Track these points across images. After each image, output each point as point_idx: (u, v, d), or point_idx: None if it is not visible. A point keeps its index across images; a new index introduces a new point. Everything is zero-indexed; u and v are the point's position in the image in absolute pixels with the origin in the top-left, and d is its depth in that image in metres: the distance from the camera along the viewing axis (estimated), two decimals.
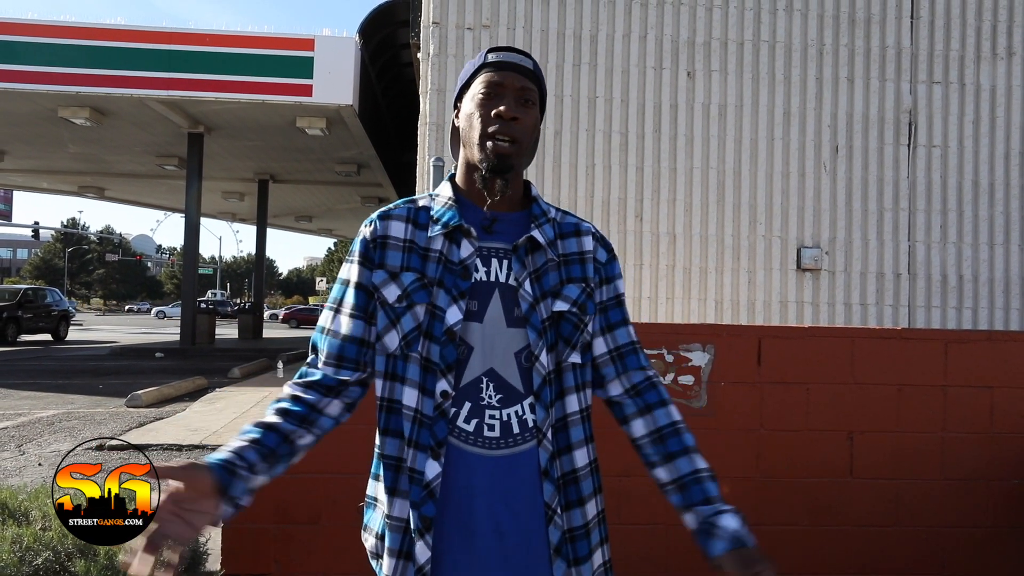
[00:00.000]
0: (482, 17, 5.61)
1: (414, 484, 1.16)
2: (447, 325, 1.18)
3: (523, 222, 1.28)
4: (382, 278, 1.22)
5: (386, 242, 1.24)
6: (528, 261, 1.24)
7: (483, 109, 1.24)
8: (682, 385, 2.96)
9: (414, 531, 1.15)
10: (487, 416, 1.18)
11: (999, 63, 5.93)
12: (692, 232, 5.74)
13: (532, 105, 1.27)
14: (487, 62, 1.28)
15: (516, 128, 1.23)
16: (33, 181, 23.72)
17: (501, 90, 1.25)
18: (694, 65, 5.77)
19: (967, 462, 3.05)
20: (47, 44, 12.70)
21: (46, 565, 2.31)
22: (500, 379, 1.19)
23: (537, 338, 1.20)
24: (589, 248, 1.31)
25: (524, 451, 1.19)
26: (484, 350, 1.19)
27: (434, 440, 1.16)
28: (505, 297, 1.22)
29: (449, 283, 1.20)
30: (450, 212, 1.25)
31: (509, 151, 1.22)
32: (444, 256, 1.22)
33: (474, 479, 1.16)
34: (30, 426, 6.90)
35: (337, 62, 12.83)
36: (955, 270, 5.87)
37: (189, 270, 17.17)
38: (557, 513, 1.20)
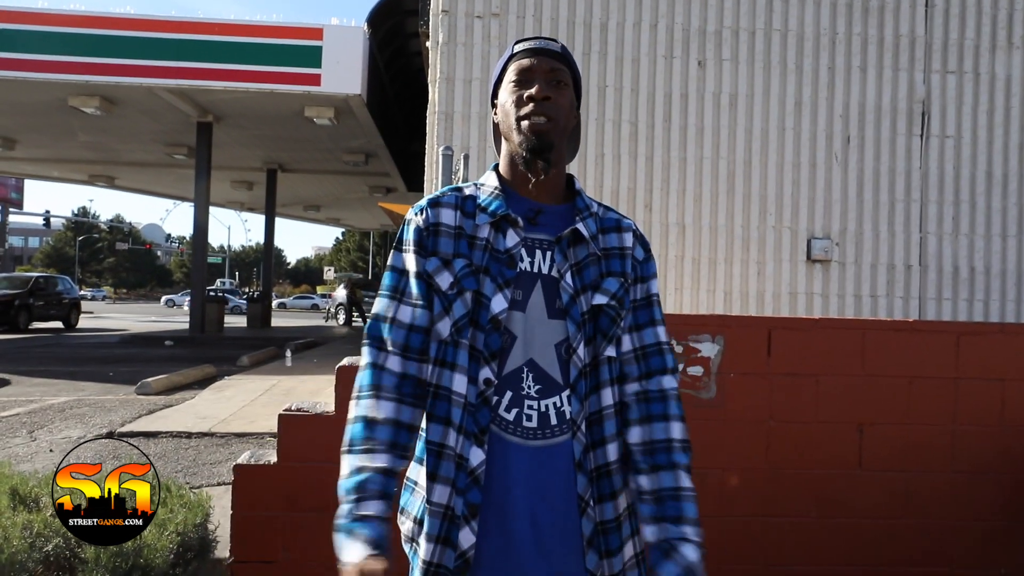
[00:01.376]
0: (492, 5, 5.57)
1: (460, 471, 1.17)
2: (492, 313, 1.19)
3: (567, 215, 1.29)
4: (435, 265, 1.23)
5: (438, 229, 1.25)
6: (570, 254, 1.25)
7: (515, 95, 1.26)
8: (691, 376, 2.95)
9: (460, 517, 1.16)
10: (526, 406, 1.19)
11: (1015, 52, 5.85)
12: (701, 223, 5.70)
13: (564, 86, 1.28)
14: (515, 52, 1.30)
15: (549, 107, 1.24)
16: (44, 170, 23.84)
17: (531, 75, 1.26)
18: (705, 54, 5.72)
19: (977, 455, 3.03)
20: (57, 33, 12.73)
21: (56, 551, 2.34)
22: (539, 370, 1.21)
23: (576, 330, 1.21)
24: (628, 244, 1.32)
25: (560, 443, 1.20)
26: (525, 340, 1.21)
27: (478, 427, 1.18)
28: (547, 288, 1.23)
29: (495, 271, 1.22)
30: (497, 201, 1.26)
31: (545, 127, 1.23)
32: (491, 244, 1.23)
33: (512, 468, 1.18)
34: (41, 412, 6.97)
35: (345, 51, 12.81)
36: (967, 262, 5.82)
37: (198, 259, 17.23)
38: (590, 505, 1.21)
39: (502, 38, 5.56)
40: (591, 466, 1.22)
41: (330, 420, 2.87)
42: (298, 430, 2.87)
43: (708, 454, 2.94)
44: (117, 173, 23.27)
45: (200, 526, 2.73)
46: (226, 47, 12.87)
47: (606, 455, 1.23)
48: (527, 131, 1.23)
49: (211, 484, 4.57)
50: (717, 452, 2.96)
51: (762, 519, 2.97)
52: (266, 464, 2.88)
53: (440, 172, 3.69)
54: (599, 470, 1.22)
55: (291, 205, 28.59)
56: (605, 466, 1.23)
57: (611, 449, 1.23)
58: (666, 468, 1.23)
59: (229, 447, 5.65)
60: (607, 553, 1.21)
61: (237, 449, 5.50)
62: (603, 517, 1.22)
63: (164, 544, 2.45)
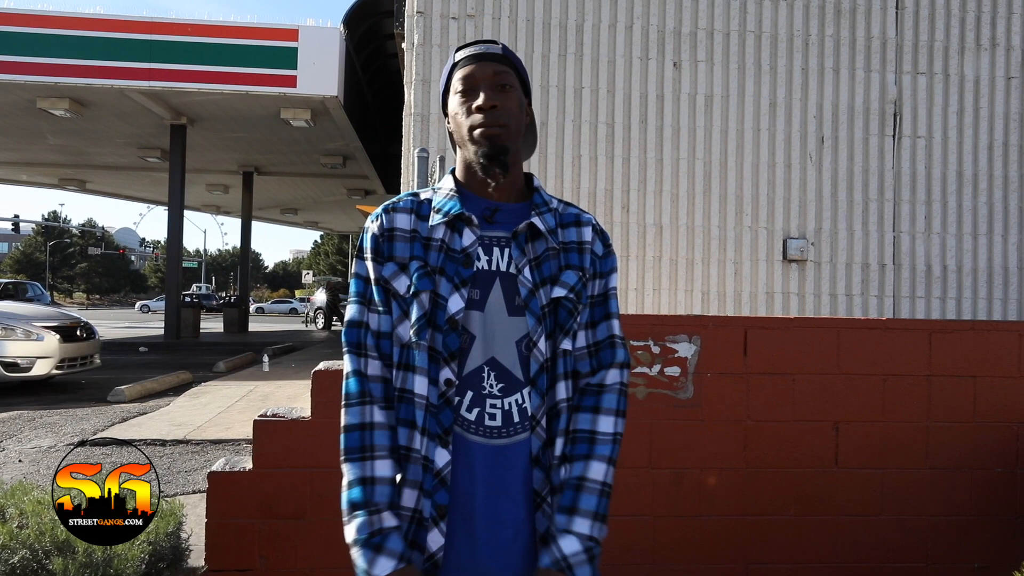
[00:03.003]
0: (467, 7, 5.55)
1: (427, 473, 1.18)
2: (449, 313, 1.20)
3: (524, 212, 1.30)
4: (392, 271, 1.24)
5: (393, 234, 1.26)
6: (528, 249, 1.26)
7: (463, 107, 1.27)
8: (668, 376, 2.95)
9: (428, 519, 1.17)
10: (488, 405, 1.20)
11: (983, 54, 5.96)
12: (678, 223, 5.73)
13: (511, 88, 1.28)
14: (457, 61, 1.31)
15: (499, 114, 1.24)
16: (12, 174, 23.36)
17: (475, 82, 1.27)
18: (680, 55, 5.75)
19: (951, 451, 3.07)
20: (24, 33, 12.48)
21: (23, 563, 2.27)
22: (501, 368, 1.21)
23: (536, 324, 1.22)
24: (588, 239, 1.32)
25: (521, 440, 1.21)
26: (486, 339, 1.21)
27: (441, 428, 1.18)
28: (506, 286, 1.23)
29: (451, 271, 1.22)
30: (452, 202, 1.27)
31: (497, 132, 1.23)
32: (446, 244, 1.24)
33: (475, 468, 1.18)
34: (10, 422, 6.81)
35: (321, 53, 12.71)
36: (939, 260, 5.91)
37: (173, 263, 17.00)
38: (547, 501, 1.21)
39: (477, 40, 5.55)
40: (548, 461, 1.23)
41: (307, 425, 2.83)
42: (274, 436, 2.83)
43: (686, 454, 2.95)
44: (88, 177, 22.88)
45: (172, 535, 2.68)
46: (200, 48, 12.71)
47: (555, 449, 1.23)
48: (480, 139, 1.24)
49: (186, 492, 4.50)
50: (695, 452, 2.96)
51: (741, 518, 2.98)
52: (241, 471, 2.83)
53: (416, 174, 3.67)
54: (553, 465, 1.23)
55: (268, 208, 28.32)
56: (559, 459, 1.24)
57: (559, 443, 1.24)
58: (580, 458, 1.22)
59: (205, 454, 5.56)
60: None
61: (213, 456, 5.42)
62: None
63: (135, 554, 2.39)
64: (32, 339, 8.60)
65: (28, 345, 8.56)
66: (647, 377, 2.94)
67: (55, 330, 8.90)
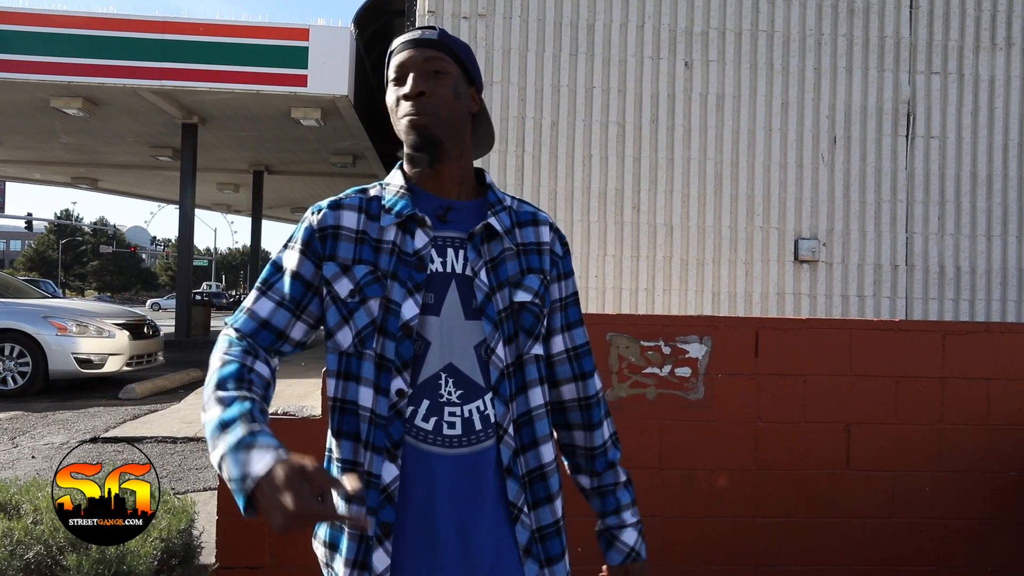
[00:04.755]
0: (478, 6, 5.56)
1: (371, 488, 1.10)
2: (403, 320, 1.12)
3: (478, 210, 1.23)
4: (333, 271, 1.16)
5: (338, 233, 1.18)
6: (484, 250, 1.19)
7: (392, 96, 1.21)
8: (679, 377, 2.94)
9: (372, 538, 1.09)
10: (447, 413, 1.12)
11: (998, 53, 5.91)
12: (689, 223, 5.71)
13: (443, 75, 1.19)
14: (392, 48, 1.24)
15: (426, 102, 1.17)
16: (26, 172, 23.55)
17: (404, 71, 1.20)
18: (692, 55, 5.73)
19: (964, 454, 3.05)
20: (38, 33, 12.57)
21: (37, 559, 2.29)
22: (460, 374, 1.14)
23: (493, 330, 1.15)
24: (547, 239, 1.26)
25: (487, 448, 1.14)
26: (442, 344, 1.14)
27: (390, 441, 1.11)
28: (462, 288, 1.16)
29: (404, 275, 1.15)
30: (403, 201, 1.19)
31: (423, 122, 1.17)
32: (398, 247, 1.16)
33: (435, 480, 1.11)
34: (23, 418, 6.87)
35: (332, 52, 12.74)
36: (953, 261, 5.87)
37: (184, 262, 17.09)
38: (524, 512, 1.16)
39: (488, 39, 5.55)
40: (522, 470, 1.17)
41: (317, 424, 2.84)
42: (284, 434, 2.82)
43: (696, 455, 2.94)
44: (100, 175, 23.03)
45: (184, 532, 2.69)
46: (211, 47, 12.77)
47: (539, 457, 1.18)
48: (407, 128, 1.18)
49: (197, 490, 4.52)
50: (705, 453, 2.95)
51: (751, 519, 2.97)
52: None
53: None
54: (532, 474, 1.18)
55: (278, 207, 28.43)
56: (539, 469, 1.18)
57: (544, 451, 1.19)
58: (606, 470, 1.30)
59: None
60: (548, 560, 1.17)
61: None
62: (540, 523, 1.17)
63: (148, 551, 2.41)
64: (104, 336, 8.70)
65: (101, 342, 8.67)
66: (657, 378, 2.93)
67: (124, 327, 9.02)
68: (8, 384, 8.24)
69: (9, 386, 8.22)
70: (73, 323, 8.54)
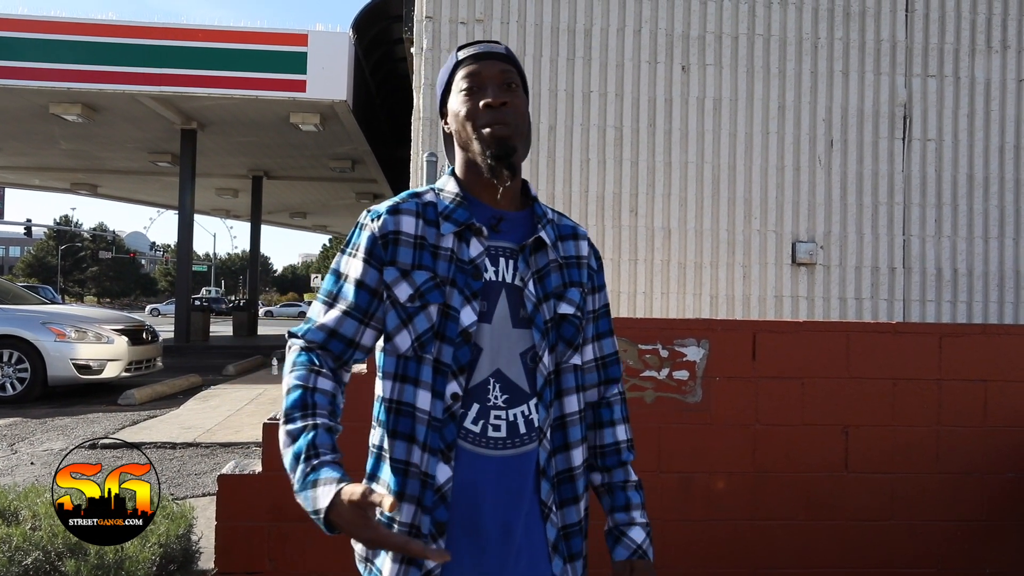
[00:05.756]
0: (475, 11, 5.57)
1: (426, 488, 1.15)
2: (462, 327, 1.17)
3: (526, 221, 1.27)
4: (393, 276, 1.19)
5: (398, 238, 1.20)
6: (532, 261, 1.24)
7: (470, 104, 1.22)
8: (677, 380, 2.95)
9: (426, 536, 1.14)
10: (492, 416, 1.17)
11: (993, 56, 5.93)
12: (687, 227, 5.73)
13: (516, 87, 1.25)
14: (460, 59, 1.27)
15: (508, 112, 1.21)
16: (25, 178, 23.58)
17: (481, 80, 1.23)
18: (688, 59, 5.75)
19: (962, 456, 3.05)
20: (38, 40, 12.60)
21: (36, 565, 2.29)
22: (506, 380, 1.19)
23: (541, 339, 1.21)
24: (585, 254, 1.33)
25: (529, 451, 1.19)
26: (492, 351, 1.18)
27: (444, 443, 1.15)
28: (511, 298, 1.21)
29: (461, 283, 1.18)
30: (460, 210, 1.23)
31: (507, 133, 1.20)
32: (455, 255, 1.20)
33: (480, 480, 1.16)
34: (22, 424, 6.86)
35: (331, 57, 12.76)
36: (950, 264, 5.88)
37: (183, 267, 17.10)
38: (553, 511, 1.21)
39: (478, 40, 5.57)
40: (553, 472, 1.22)
41: None
42: None
43: (695, 458, 2.94)
44: (100, 181, 23.05)
45: (183, 537, 2.70)
46: (210, 53, 12.79)
47: (570, 460, 1.24)
48: (489, 139, 1.19)
49: (196, 495, 4.52)
50: (703, 456, 2.96)
51: (750, 522, 2.97)
52: (251, 474, 2.85)
53: (425, 178, 3.68)
54: (561, 475, 1.23)
55: (277, 212, 28.43)
56: (568, 471, 1.24)
57: (575, 454, 1.25)
58: (616, 467, 1.32)
59: (214, 457, 5.59)
60: (571, 557, 1.23)
61: (222, 459, 5.45)
62: (566, 521, 1.23)
63: (146, 556, 2.41)
64: (103, 342, 8.67)
65: (99, 348, 8.63)
66: (655, 381, 2.93)
67: (123, 332, 8.99)
68: (7, 390, 8.22)
69: (8, 392, 8.21)
70: (72, 329, 8.52)
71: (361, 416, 2.88)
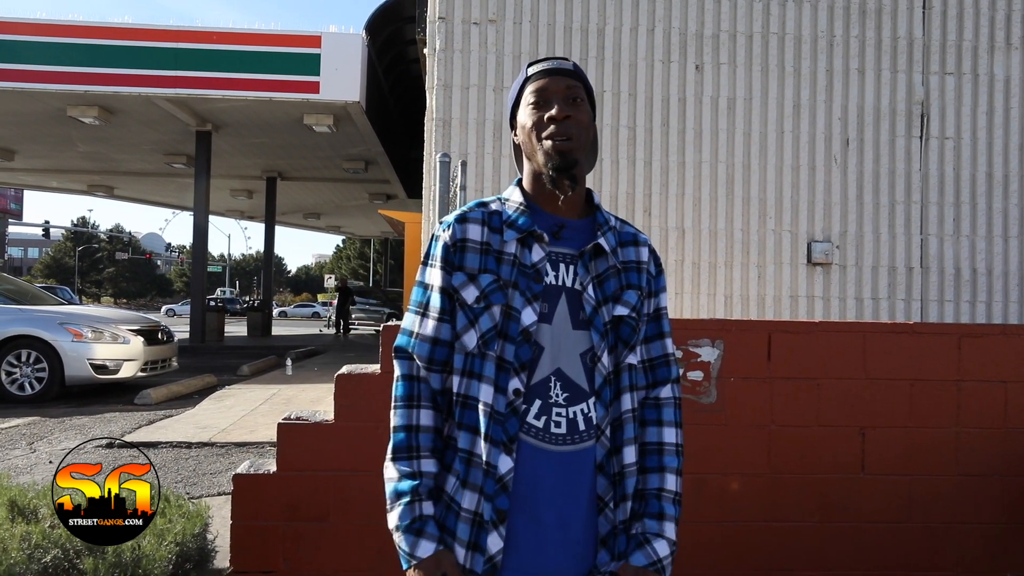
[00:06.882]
0: (488, 12, 5.57)
1: (488, 477, 1.22)
2: (523, 326, 1.25)
3: (587, 228, 1.35)
4: (461, 280, 1.29)
5: (465, 245, 1.30)
6: (592, 267, 1.31)
7: (535, 117, 1.31)
8: (691, 381, 2.93)
9: (488, 522, 1.21)
10: (554, 413, 1.24)
11: (1013, 53, 5.86)
12: (701, 227, 5.69)
13: (581, 102, 1.32)
14: (529, 75, 1.35)
15: (570, 125, 1.29)
16: (43, 180, 23.86)
17: (548, 95, 1.31)
18: (702, 58, 5.72)
19: (981, 458, 3.01)
20: (55, 43, 12.75)
21: (55, 563, 2.32)
22: (567, 379, 1.26)
23: (600, 340, 1.27)
24: (645, 259, 1.38)
25: (587, 447, 1.25)
26: (553, 350, 1.26)
27: (506, 436, 1.23)
28: (571, 301, 1.29)
29: (523, 285, 1.27)
30: (523, 217, 1.31)
31: (569, 147, 1.28)
32: (518, 259, 1.29)
33: (540, 472, 1.23)
34: (40, 424, 6.94)
35: (344, 59, 12.82)
36: (968, 263, 5.81)
37: (198, 268, 17.23)
38: (609, 506, 1.27)
39: (499, 44, 5.57)
40: (613, 469, 1.28)
41: (330, 429, 2.85)
42: (297, 439, 2.86)
43: (709, 459, 2.92)
44: (116, 183, 23.29)
45: (199, 536, 2.71)
46: (224, 56, 12.89)
47: (623, 458, 1.29)
48: (551, 151, 1.28)
49: (211, 494, 4.55)
50: (718, 457, 2.94)
51: (764, 524, 2.95)
52: (265, 473, 2.86)
53: (438, 179, 3.68)
54: (618, 473, 1.29)
55: (291, 213, 28.60)
56: (622, 468, 1.29)
57: (628, 452, 1.29)
58: (654, 470, 1.33)
59: (229, 457, 5.62)
60: (618, 556, 1.28)
61: (237, 459, 5.48)
62: (620, 518, 1.29)
63: (162, 554, 2.43)
64: (119, 342, 8.76)
65: (116, 348, 8.72)
66: None
67: (139, 333, 9.08)
68: (25, 390, 8.32)
69: (26, 392, 8.31)
70: (89, 329, 8.61)
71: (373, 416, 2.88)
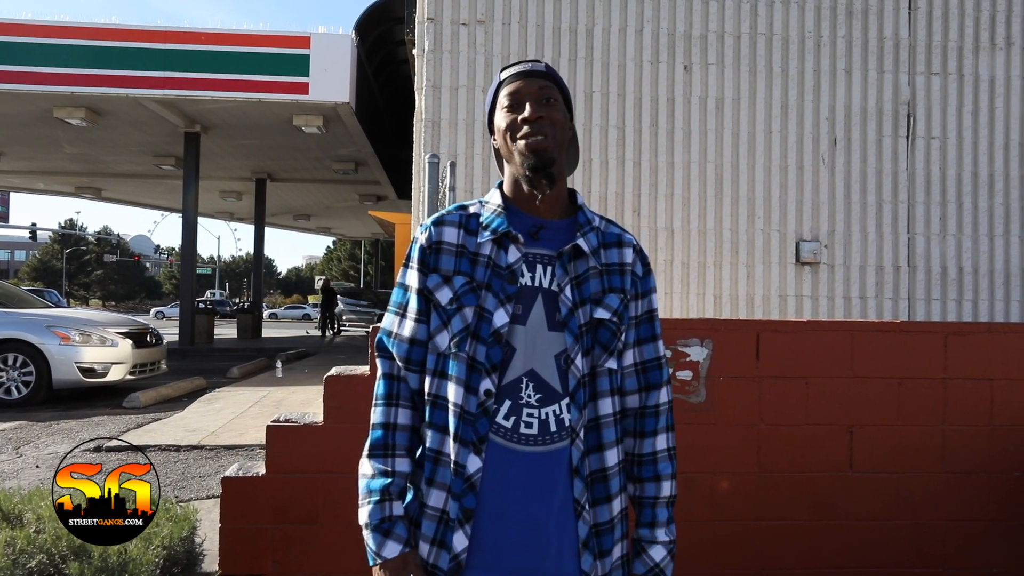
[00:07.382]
0: (477, 12, 5.57)
1: (456, 476, 1.23)
2: (494, 327, 1.25)
3: (569, 229, 1.34)
4: (436, 282, 1.30)
5: (440, 247, 1.32)
6: (571, 268, 1.31)
7: (509, 120, 1.33)
8: (680, 380, 2.94)
9: (454, 521, 1.22)
10: (524, 414, 1.25)
11: (998, 53, 5.91)
12: (690, 227, 5.71)
13: (555, 102, 1.34)
14: (503, 80, 1.37)
15: (545, 125, 1.30)
16: (30, 182, 23.68)
17: (520, 97, 1.33)
18: (691, 58, 5.74)
19: (968, 455, 3.04)
20: (42, 44, 12.66)
21: (40, 568, 2.30)
22: (540, 379, 1.26)
23: (574, 342, 1.27)
24: (629, 260, 1.37)
25: (559, 449, 1.25)
26: (526, 352, 1.26)
27: (476, 436, 1.23)
28: (547, 302, 1.28)
29: (497, 287, 1.28)
30: (499, 219, 1.32)
31: (544, 144, 1.29)
32: (492, 261, 1.29)
33: (510, 473, 1.23)
34: (27, 428, 6.88)
35: (333, 59, 12.80)
36: (955, 262, 5.85)
37: (187, 270, 17.14)
38: (586, 509, 1.27)
39: (487, 45, 5.57)
40: (587, 471, 1.27)
41: (319, 431, 2.84)
42: (287, 441, 2.85)
43: (698, 458, 2.93)
44: (104, 184, 23.14)
45: (187, 539, 2.70)
46: (213, 56, 12.83)
47: (603, 460, 1.29)
48: (526, 151, 1.29)
49: (200, 497, 4.52)
50: (707, 456, 2.95)
51: (754, 522, 2.96)
52: (254, 476, 2.85)
53: (427, 180, 3.68)
54: (595, 475, 1.28)
55: (281, 215, 28.51)
56: (601, 471, 1.28)
57: (609, 455, 1.29)
58: (650, 480, 1.35)
59: (219, 460, 5.59)
60: (600, 554, 1.27)
61: (227, 461, 5.45)
62: (598, 520, 1.28)
63: (150, 558, 2.41)
64: (107, 345, 8.71)
65: (104, 351, 8.67)
66: None
67: (127, 336, 9.02)
68: (12, 394, 8.25)
69: (13, 396, 8.23)
70: (76, 332, 8.55)
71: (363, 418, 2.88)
